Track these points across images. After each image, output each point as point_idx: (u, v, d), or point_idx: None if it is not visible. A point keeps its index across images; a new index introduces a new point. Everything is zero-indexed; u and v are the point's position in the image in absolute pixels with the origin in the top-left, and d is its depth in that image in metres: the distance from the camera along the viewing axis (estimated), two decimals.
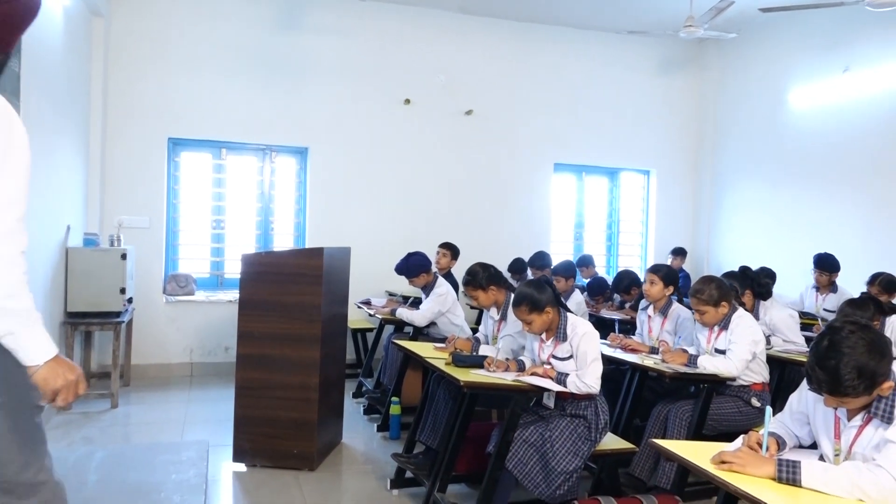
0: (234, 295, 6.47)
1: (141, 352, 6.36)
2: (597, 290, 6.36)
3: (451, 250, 6.20)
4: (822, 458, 2.17)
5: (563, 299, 5.40)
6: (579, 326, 3.25)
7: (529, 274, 6.88)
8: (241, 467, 4.05)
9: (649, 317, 4.41)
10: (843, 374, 1.94)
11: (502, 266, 6.65)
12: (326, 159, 6.99)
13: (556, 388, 3.12)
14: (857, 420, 2.08)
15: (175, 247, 6.74)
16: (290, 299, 3.97)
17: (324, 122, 6.95)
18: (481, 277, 3.88)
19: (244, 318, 4.01)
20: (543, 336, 3.35)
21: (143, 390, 5.86)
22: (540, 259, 6.76)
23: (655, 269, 4.31)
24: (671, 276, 4.27)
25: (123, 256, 5.28)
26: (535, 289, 3.26)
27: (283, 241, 7.10)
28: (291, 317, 3.96)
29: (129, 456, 4.05)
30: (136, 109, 6.40)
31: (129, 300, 5.52)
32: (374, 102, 7.13)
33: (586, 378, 3.12)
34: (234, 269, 6.83)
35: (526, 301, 3.24)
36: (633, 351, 4.13)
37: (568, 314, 3.33)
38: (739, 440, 2.21)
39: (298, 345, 3.97)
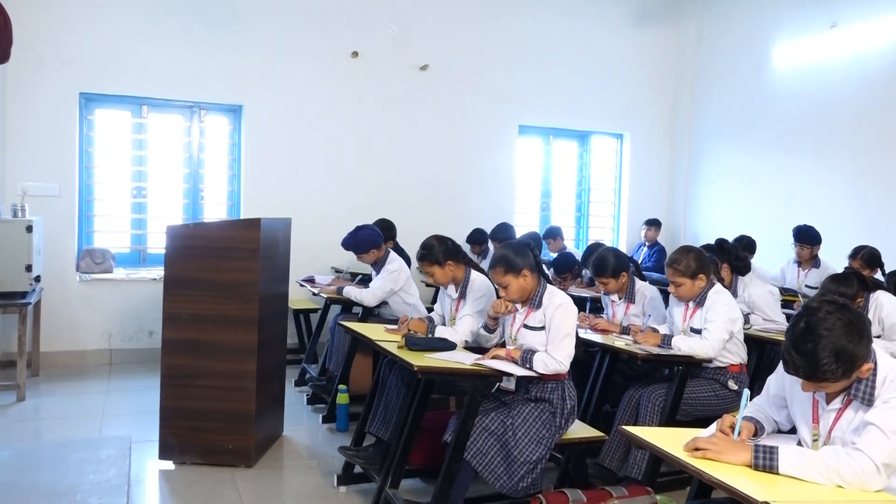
0: (159, 272, 6.36)
1: (51, 338, 6.23)
2: (564, 266, 6.43)
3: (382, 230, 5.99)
4: (800, 443, 2.25)
5: None
6: (556, 296, 3.30)
7: (491, 248, 6.91)
8: (169, 465, 4.01)
9: (613, 301, 4.49)
10: (821, 359, 2.01)
11: (461, 239, 6.66)
12: (263, 119, 6.88)
13: (521, 372, 3.15)
14: (837, 403, 2.16)
15: (90, 218, 6.59)
16: (222, 277, 3.92)
17: (260, 77, 6.83)
18: (437, 252, 3.88)
19: (170, 298, 3.96)
20: (519, 305, 3.38)
21: (55, 381, 5.75)
22: (503, 231, 6.80)
23: (600, 271, 4.34)
24: (619, 265, 4.32)
25: (29, 229, 5.14)
26: (514, 250, 3.32)
27: (214, 212, 7.00)
28: (225, 296, 3.93)
29: (39, 455, 3.96)
30: (42, 60, 6.18)
31: (37, 279, 5.39)
32: (317, 55, 7.02)
33: (556, 353, 3.17)
34: (158, 243, 6.73)
35: (502, 262, 3.29)
36: (603, 332, 4.20)
37: (548, 284, 3.38)
38: (714, 426, 2.28)
39: (233, 328, 3.93)
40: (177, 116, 6.85)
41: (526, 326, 3.34)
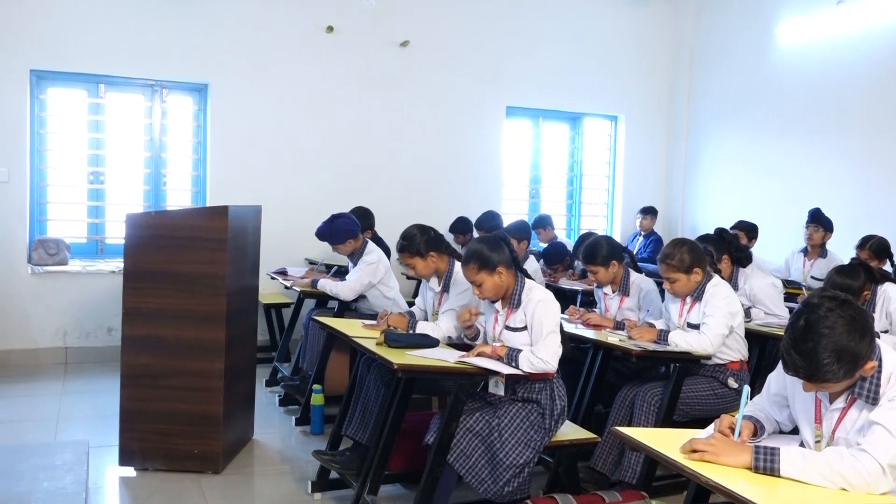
0: (119, 264, 6.31)
1: (0, 335, 6.17)
2: (555, 256, 6.46)
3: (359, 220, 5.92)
4: (803, 444, 2.28)
5: None
6: (535, 292, 3.31)
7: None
8: (130, 472, 4.00)
9: (606, 294, 4.51)
10: (822, 359, 2.04)
11: (444, 229, 6.66)
12: (231, 99, 6.83)
13: (507, 370, 3.17)
14: (840, 402, 2.19)
15: (42, 206, 6.53)
16: (187, 269, 3.91)
17: (228, 53, 6.78)
18: (419, 242, 3.89)
19: (131, 292, 3.94)
20: (499, 304, 3.39)
21: (5, 382, 5.71)
22: (489, 220, 6.81)
23: (590, 258, 4.35)
24: (611, 253, 4.33)
25: None
26: (488, 245, 3.31)
27: (178, 199, 6.97)
28: (190, 290, 3.91)
29: None
30: None
31: None
32: (289, 30, 6.98)
33: (541, 352, 3.19)
34: (117, 233, 6.67)
35: (475, 258, 3.29)
36: (596, 327, 4.23)
37: (525, 280, 3.39)
38: (712, 426, 2.30)
39: (199, 324, 3.92)
40: (137, 96, 6.78)
41: (508, 328, 3.36)
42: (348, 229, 5.09)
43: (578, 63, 8.18)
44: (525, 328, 3.31)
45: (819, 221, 6.25)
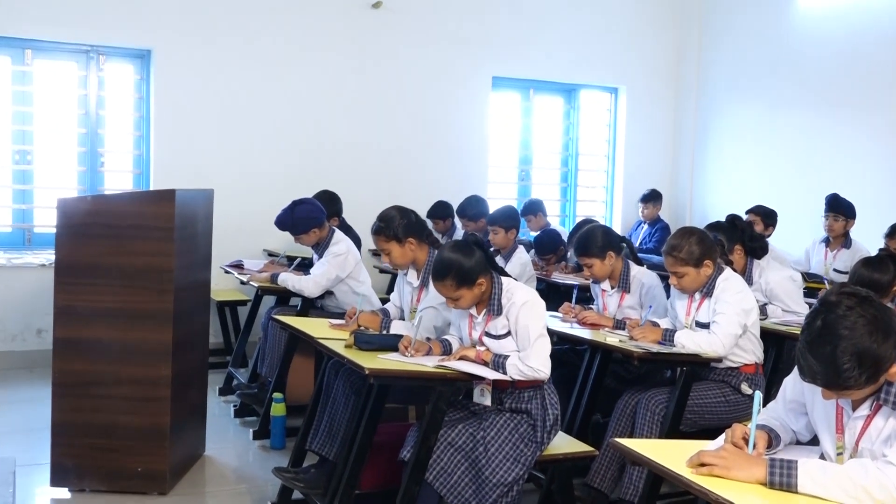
0: (49, 256, 6.24)
1: None
2: (548, 245, 6.47)
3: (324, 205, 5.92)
4: (823, 456, 2.31)
5: (503, 259, 5.54)
6: (517, 294, 3.32)
7: (459, 226, 6.92)
8: (64, 493, 3.98)
9: (604, 290, 4.53)
10: (841, 363, 2.06)
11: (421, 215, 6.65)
12: (178, 67, 6.79)
13: (493, 375, 3.18)
14: (864, 409, 2.22)
15: None
16: (128, 261, 3.89)
17: (174, 14, 6.73)
18: (397, 225, 3.88)
19: (64, 288, 3.92)
20: (474, 310, 3.40)
21: None
22: (473, 206, 6.81)
23: (583, 249, 4.35)
24: (607, 243, 4.33)
25: None
26: (462, 254, 3.29)
27: (117, 182, 6.94)
28: (131, 286, 3.89)
29: None
30: None
31: None
32: None
33: (531, 360, 3.20)
34: (47, 221, 6.61)
35: (452, 273, 3.26)
36: (593, 326, 4.24)
37: (503, 279, 3.39)
38: (723, 437, 2.32)
39: (142, 324, 3.90)
40: (69, 63, 6.74)
41: (489, 335, 3.37)
42: (312, 217, 5.07)
43: (574, 28, 8.19)
44: (508, 334, 3.32)
45: (838, 209, 6.29)
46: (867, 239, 6.23)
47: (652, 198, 8.10)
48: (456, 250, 3.30)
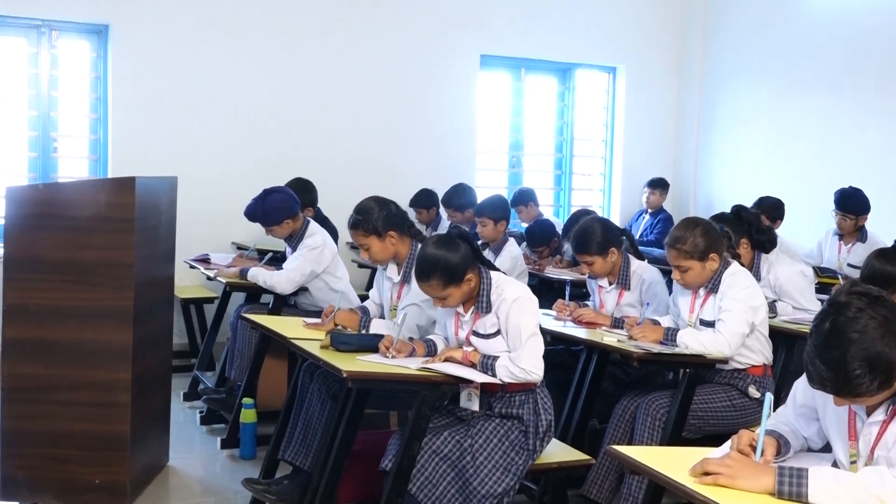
0: None
1: None
2: (540, 236, 6.48)
3: (298, 194, 5.91)
4: (835, 464, 2.33)
5: (492, 253, 5.55)
6: (507, 290, 3.32)
7: (444, 215, 6.92)
8: None
9: (601, 287, 4.54)
10: (852, 369, 2.06)
11: (403, 205, 6.64)
12: (138, 44, 6.76)
13: (481, 378, 3.19)
14: (879, 415, 2.23)
15: None
16: (84, 255, 3.87)
17: None
18: (376, 218, 3.88)
19: (12, 284, 3.91)
20: (461, 308, 3.41)
21: None
22: (460, 195, 6.81)
23: (583, 247, 4.36)
24: (608, 239, 4.33)
25: None
26: (447, 250, 3.28)
27: (72, 169, 6.93)
28: (88, 282, 3.88)
29: None
30: None
31: None
32: None
33: (522, 361, 3.20)
34: None
35: (438, 272, 3.26)
36: (589, 325, 4.25)
37: (492, 274, 3.39)
38: (728, 444, 2.34)
39: (99, 323, 3.89)
40: (19, 39, 6.70)
41: (476, 335, 3.37)
42: (285, 207, 5.06)
43: (569, 2, 8.19)
44: (498, 333, 3.32)
45: (847, 208, 6.28)
46: (884, 229, 6.25)
47: (659, 184, 8.12)
48: (440, 246, 3.30)
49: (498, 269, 3.49)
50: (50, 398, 3.90)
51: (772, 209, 6.56)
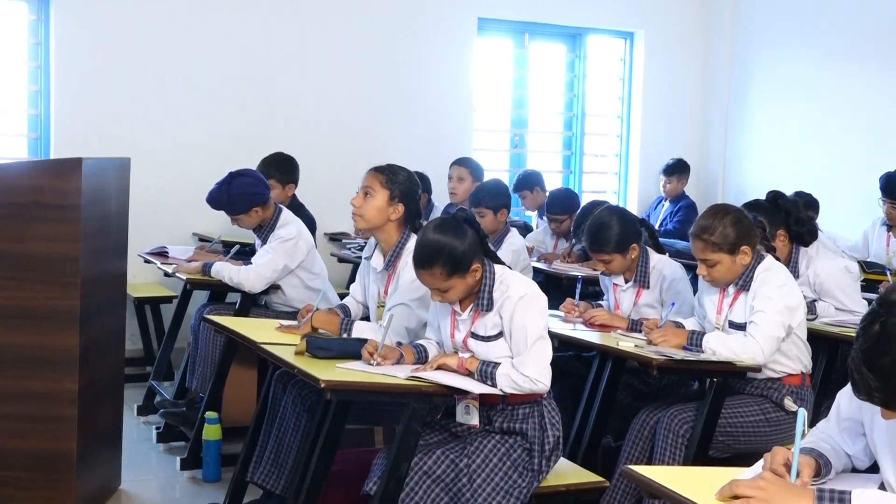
0: None
1: None
2: (562, 204, 6.57)
3: (279, 169, 5.99)
4: (883, 486, 2.33)
5: (491, 246, 5.54)
6: (513, 286, 3.32)
7: (435, 202, 6.92)
8: None
9: (616, 285, 4.54)
10: None
11: None
12: (86, 6, 6.75)
13: (480, 388, 3.19)
14: None
15: None
16: (22, 248, 3.86)
17: None
18: (402, 182, 3.91)
19: None
20: (457, 306, 3.40)
21: None
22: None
23: (599, 244, 4.35)
24: (627, 234, 4.32)
25: None
26: (453, 235, 3.27)
27: (9, 148, 6.93)
28: (26, 278, 3.87)
29: None
30: None
31: None
32: None
33: (527, 368, 3.20)
34: None
35: (443, 259, 3.23)
36: (603, 328, 4.26)
37: (496, 267, 3.39)
38: (760, 463, 2.34)
39: (41, 326, 3.89)
40: None
41: (475, 337, 3.37)
42: (253, 192, 5.05)
43: None
44: (500, 335, 3.32)
45: (894, 195, 6.32)
46: None
47: (677, 169, 8.08)
48: (445, 230, 3.29)
49: (503, 262, 3.48)
50: None
51: (806, 206, 6.54)
